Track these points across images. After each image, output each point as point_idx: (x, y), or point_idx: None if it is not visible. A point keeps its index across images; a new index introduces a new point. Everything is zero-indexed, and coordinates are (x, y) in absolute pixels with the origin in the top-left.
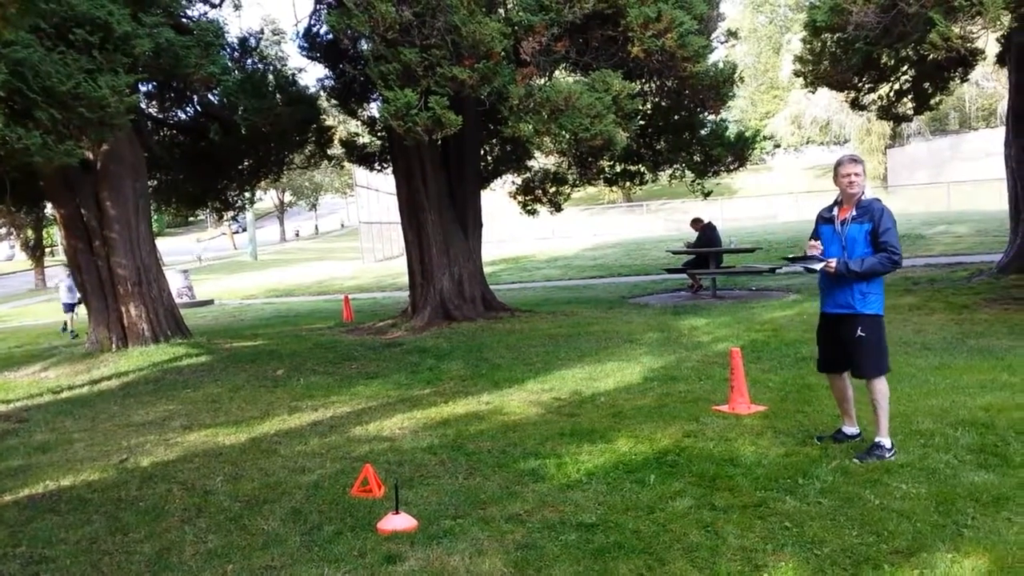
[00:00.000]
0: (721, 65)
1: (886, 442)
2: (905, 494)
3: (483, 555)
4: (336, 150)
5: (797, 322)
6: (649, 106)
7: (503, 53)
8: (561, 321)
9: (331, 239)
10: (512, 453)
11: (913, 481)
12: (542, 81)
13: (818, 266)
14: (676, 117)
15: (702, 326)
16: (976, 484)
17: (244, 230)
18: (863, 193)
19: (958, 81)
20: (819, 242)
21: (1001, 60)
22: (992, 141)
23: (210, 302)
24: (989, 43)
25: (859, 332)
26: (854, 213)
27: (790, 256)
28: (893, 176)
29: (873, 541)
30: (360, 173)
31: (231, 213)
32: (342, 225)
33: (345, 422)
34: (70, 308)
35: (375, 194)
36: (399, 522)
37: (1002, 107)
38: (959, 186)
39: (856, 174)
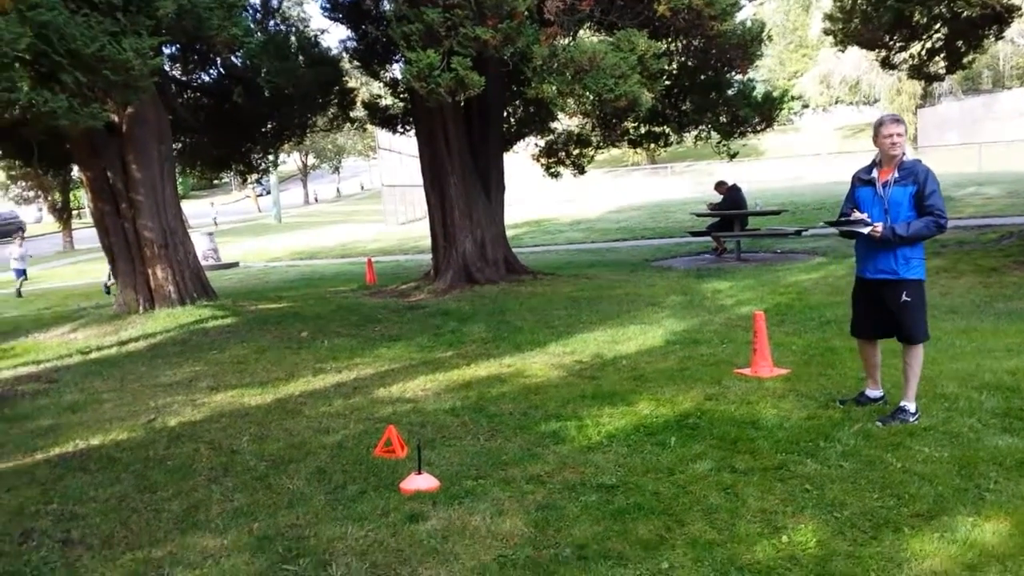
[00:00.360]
0: (749, 23)
1: (911, 406)
2: (927, 457)
3: (504, 515)
4: (359, 112)
5: (822, 285)
6: (675, 66)
7: (526, 12)
8: (583, 284)
9: (354, 202)
10: (533, 415)
11: (936, 445)
12: (566, 41)
13: (865, 230)
14: (702, 77)
15: (725, 289)
16: (1000, 448)
17: (268, 193)
18: (904, 154)
19: (992, 39)
20: (862, 213)
21: None
22: None
23: (235, 264)
24: None
25: (904, 297)
26: (896, 175)
27: (832, 220)
28: (923, 137)
29: (894, 504)
30: (383, 136)
31: (255, 176)
32: (362, 187)
33: (368, 384)
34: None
35: (398, 157)
36: (422, 482)
37: None
38: (991, 147)
39: (899, 134)
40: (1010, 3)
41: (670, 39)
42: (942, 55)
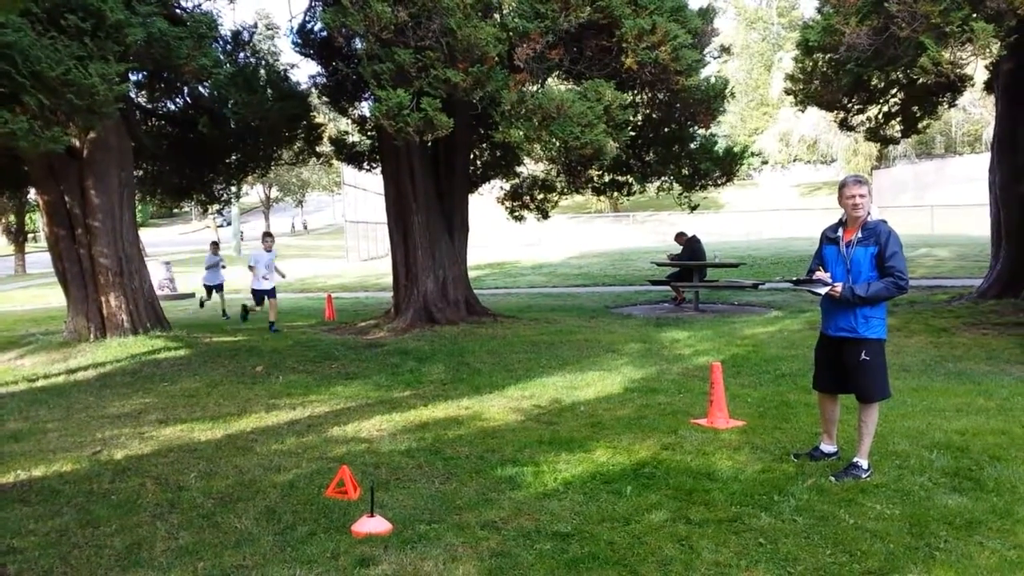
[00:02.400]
0: (713, 80)
1: (864, 463)
2: (879, 515)
3: (457, 561)
4: (325, 147)
5: (778, 338)
6: (640, 117)
7: (497, 58)
8: (544, 328)
9: (316, 237)
10: (490, 459)
11: (888, 502)
12: (535, 88)
13: (823, 290)
14: (666, 129)
15: (684, 339)
16: (949, 507)
17: (228, 224)
18: (869, 215)
19: (946, 106)
20: (825, 272)
21: (989, 87)
22: (976, 166)
23: (191, 295)
24: (978, 70)
25: (863, 356)
26: (860, 235)
27: (794, 279)
28: (878, 197)
29: (846, 560)
30: (348, 171)
31: (216, 207)
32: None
33: (323, 422)
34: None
35: (362, 193)
36: (374, 525)
37: (987, 133)
38: (943, 210)
39: (861, 195)
40: (963, 73)
41: (636, 91)
42: (898, 119)
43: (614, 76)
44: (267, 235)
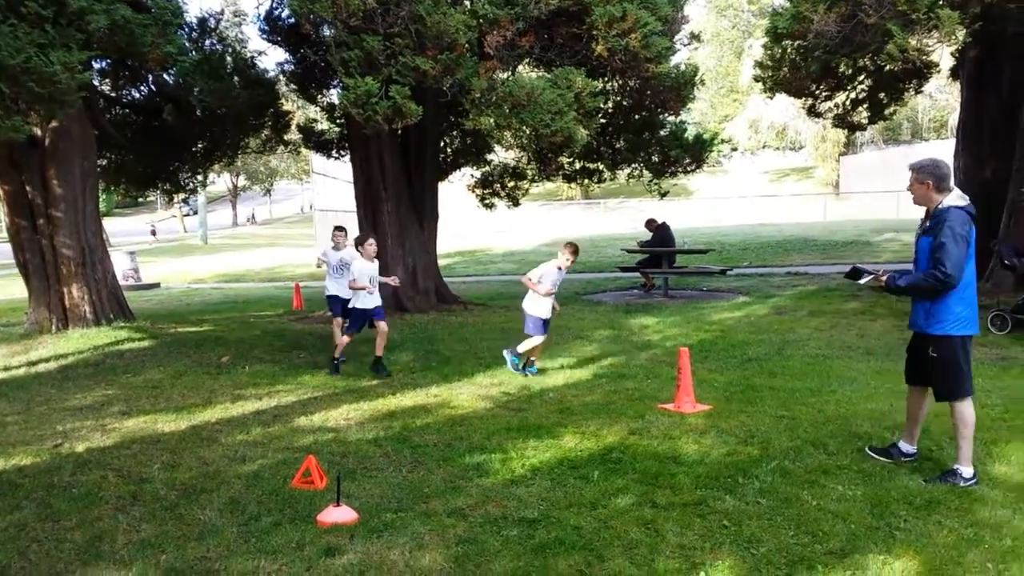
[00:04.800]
0: (683, 67)
1: (965, 471)
2: (841, 496)
3: (423, 549)
4: (293, 135)
5: (744, 324)
6: (610, 105)
7: (467, 45)
8: (514, 316)
9: (285, 225)
10: (458, 447)
11: (850, 483)
12: (505, 75)
13: (865, 280)
14: (636, 117)
15: (652, 325)
16: (910, 487)
17: (195, 213)
18: (941, 202)
19: (912, 92)
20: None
21: (954, 74)
22: (942, 152)
23: (156, 285)
24: (944, 56)
25: (931, 352)
26: (927, 224)
27: (853, 269)
28: (846, 183)
29: (808, 541)
30: (317, 160)
31: (182, 195)
32: (302, 210)
33: (289, 412)
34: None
35: (332, 181)
36: (340, 514)
37: (953, 119)
38: (909, 195)
39: (909, 183)
40: (929, 60)
41: (606, 79)
42: (865, 105)
43: (584, 63)
44: (338, 229)
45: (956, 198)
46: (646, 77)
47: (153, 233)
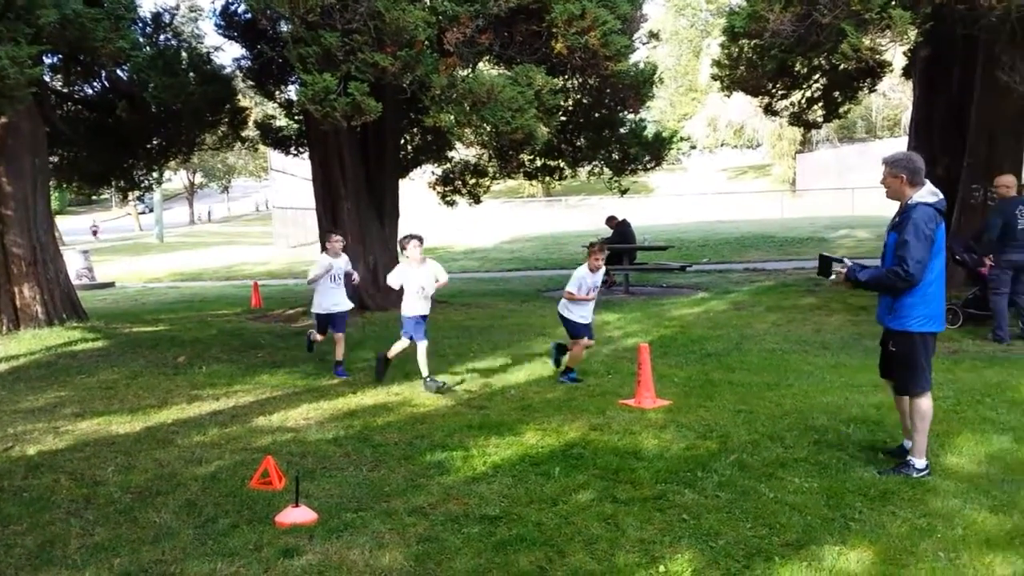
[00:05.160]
0: (642, 65)
1: (918, 462)
2: (798, 488)
3: (384, 548)
4: (251, 132)
5: (704, 320)
6: (571, 102)
7: (426, 42)
8: (475, 313)
9: (243, 223)
10: (419, 445)
11: (806, 475)
12: (465, 72)
13: (831, 278)
14: (596, 115)
15: (613, 321)
16: (865, 479)
17: (151, 211)
18: (911, 197)
19: (866, 91)
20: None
21: (907, 73)
22: (895, 150)
23: (111, 284)
24: (896, 56)
25: (891, 347)
26: (896, 219)
27: (822, 259)
28: (802, 180)
29: (766, 534)
30: (275, 157)
31: (137, 193)
32: (257, 208)
33: (247, 412)
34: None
35: (290, 178)
36: (298, 515)
37: (906, 118)
38: (863, 192)
39: (883, 176)
40: (882, 59)
41: (567, 76)
42: (820, 104)
43: (544, 61)
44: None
45: (927, 194)
46: (605, 75)
47: (95, 233)
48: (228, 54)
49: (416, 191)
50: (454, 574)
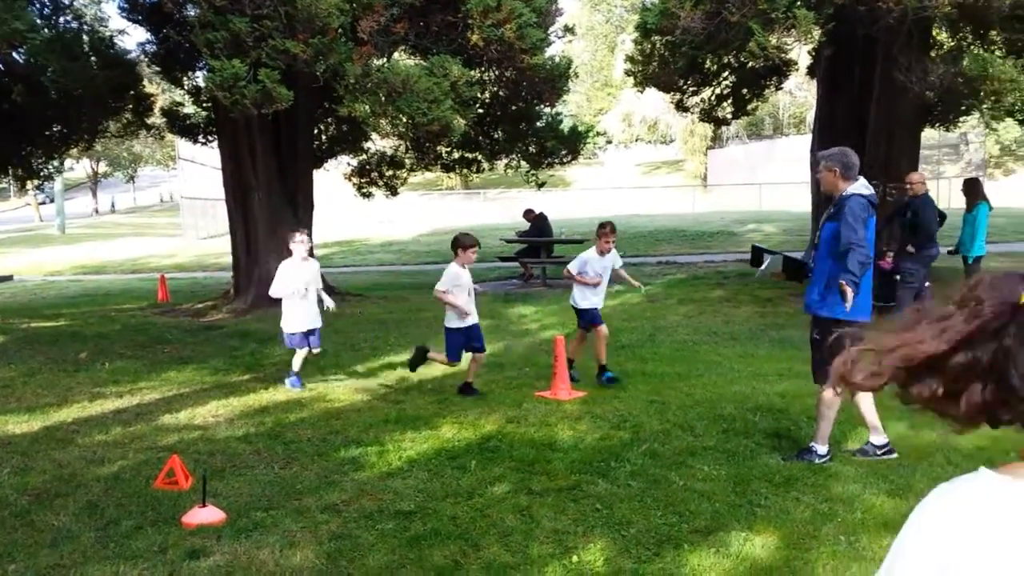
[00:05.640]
0: (558, 59)
1: (820, 448)
2: (707, 475)
3: (295, 547)
4: (157, 119)
5: (618, 312)
6: (487, 95)
7: (340, 30)
8: (392, 306)
9: (150, 214)
10: (333, 441)
11: (715, 463)
12: (380, 62)
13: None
14: (513, 108)
15: (531, 314)
16: (770, 466)
17: (51, 201)
18: (846, 190)
19: (773, 89)
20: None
21: (811, 72)
22: (801, 147)
23: (9, 278)
24: (801, 55)
25: (814, 334)
26: (831, 211)
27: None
28: (713, 176)
29: (676, 521)
30: (184, 146)
31: (36, 182)
32: (161, 200)
33: (153, 410)
34: None
35: (200, 168)
36: (205, 515)
37: (811, 116)
38: (770, 187)
39: (819, 171)
40: (788, 58)
41: (483, 68)
42: (729, 101)
43: (461, 52)
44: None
45: (861, 187)
46: (522, 68)
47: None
48: (133, 38)
49: (332, 182)
50: (367, 571)
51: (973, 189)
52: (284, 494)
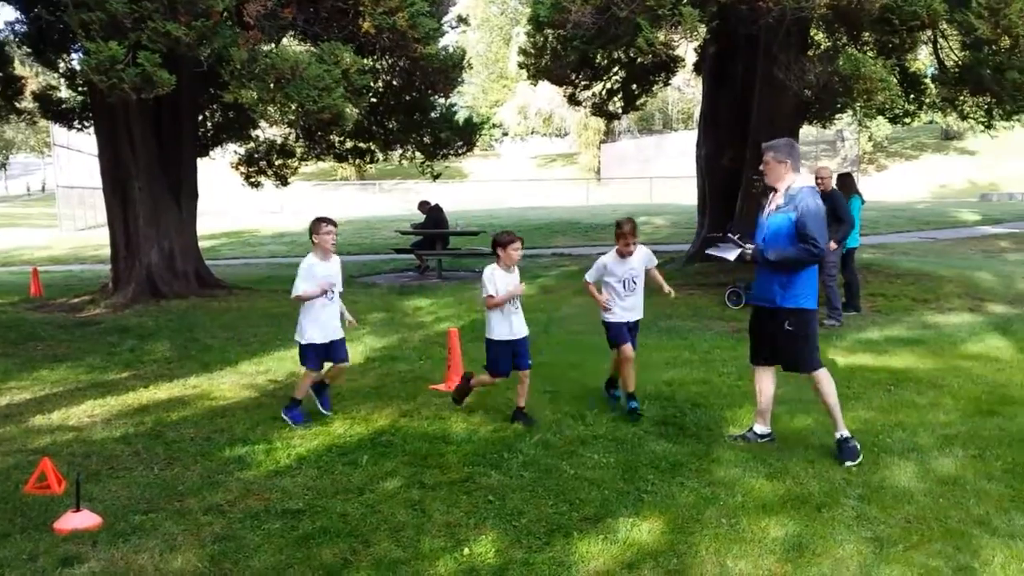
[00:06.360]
0: (451, 49)
1: (845, 432)
2: (596, 463)
3: (176, 551)
4: (29, 103)
5: None
6: (381, 84)
7: (225, 13)
8: (283, 300)
9: (23, 204)
10: (218, 440)
11: (604, 451)
12: (268, 47)
13: (733, 255)
14: (407, 97)
15: (426, 306)
16: (657, 452)
17: None
18: (794, 182)
19: (661, 85)
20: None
21: (697, 68)
22: (689, 142)
23: None
24: (688, 52)
25: (787, 326)
26: (780, 202)
27: (712, 245)
28: (606, 169)
29: (566, 509)
30: (60, 132)
31: None
32: (28, 190)
33: (23, 410)
34: None
35: (77, 155)
36: (80, 520)
37: (698, 111)
38: (660, 181)
39: (765, 162)
40: (675, 54)
41: (376, 57)
42: (620, 95)
43: (352, 40)
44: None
45: (807, 179)
46: (415, 57)
47: None
48: (0, 17)
49: (220, 171)
50: (252, 573)
51: (846, 183)
52: (165, 496)
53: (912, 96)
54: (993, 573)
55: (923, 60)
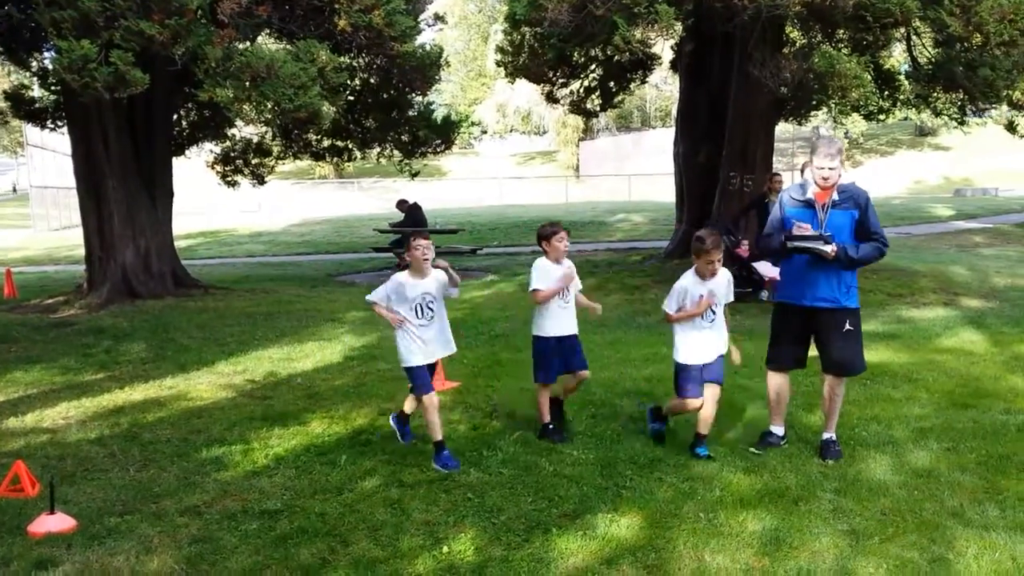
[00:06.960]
0: (429, 47)
1: (835, 436)
2: (576, 460)
3: (152, 553)
4: (0, 103)
5: (493, 301)
6: (358, 82)
7: (199, 11)
8: (260, 299)
9: None
10: (194, 441)
11: (584, 448)
12: (243, 46)
13: (828, 249)
14: (385, 96)
15: None
16: (636, 449)
17: None
18: (843, 177)
19: (639, 82)
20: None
21: (674, 66)
22: (667, 139)
23: None
24: (665, 50)
25: (847, 327)
26: (836, 198)
27: (793, 239)
28: (584, 167)
29: (545, 506)
30: (33, 131)
31: None
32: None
33: None
34: None
35: (51, 155)
36: (54, 523)
37: (675, 109)
38: (639, 178)
39: (837, 164)
40: (652, 52)
41: (353, 55)
42: (597, 93)
43: (328, 38)
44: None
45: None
46: (392, 55)
47: None
48: None
49: (197, 170)
50: (229, 574)
51: None
52: (141, 498)
53: (886, 93)
54: (967, 564)
55: (897, 57)
